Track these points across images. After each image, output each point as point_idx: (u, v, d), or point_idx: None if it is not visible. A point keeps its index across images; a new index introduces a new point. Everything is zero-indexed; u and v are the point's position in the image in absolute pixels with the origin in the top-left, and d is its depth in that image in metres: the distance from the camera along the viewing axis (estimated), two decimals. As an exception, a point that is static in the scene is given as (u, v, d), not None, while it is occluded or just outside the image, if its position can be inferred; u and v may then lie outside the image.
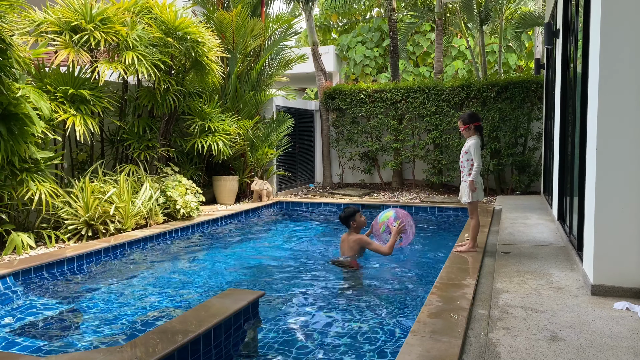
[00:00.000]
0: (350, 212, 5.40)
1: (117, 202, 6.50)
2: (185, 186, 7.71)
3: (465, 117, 5.34)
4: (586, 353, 2.83)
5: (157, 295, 4.50)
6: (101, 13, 6.89)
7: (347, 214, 5.39)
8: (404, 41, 14.86)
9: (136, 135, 7.88)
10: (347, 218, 5.37)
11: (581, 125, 4.65)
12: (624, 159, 3.73)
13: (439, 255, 5.76)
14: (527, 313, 3.47)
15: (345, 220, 5.39)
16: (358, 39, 20.10)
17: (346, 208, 5.50)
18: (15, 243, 5.57)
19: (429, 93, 11.70)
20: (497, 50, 15.45)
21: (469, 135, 5.31)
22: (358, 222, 5.36)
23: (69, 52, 6.53)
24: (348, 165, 13.07)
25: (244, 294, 3.76)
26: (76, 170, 7.35)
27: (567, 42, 6.29)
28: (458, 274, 4.36)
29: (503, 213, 7.92)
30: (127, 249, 6.08)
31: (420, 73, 19.30)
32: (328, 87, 12.93)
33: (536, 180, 10.93)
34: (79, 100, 6.75)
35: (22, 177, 5.76)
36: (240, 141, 9.43)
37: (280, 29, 10.80)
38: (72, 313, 4.06)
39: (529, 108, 10.95)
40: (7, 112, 5.53)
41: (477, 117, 5.33)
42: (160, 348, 2.78)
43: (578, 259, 4.59)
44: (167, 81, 7.76)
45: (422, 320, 3.24)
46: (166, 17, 7.60)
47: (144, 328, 3.66)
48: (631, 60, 3.67)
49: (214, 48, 8.11)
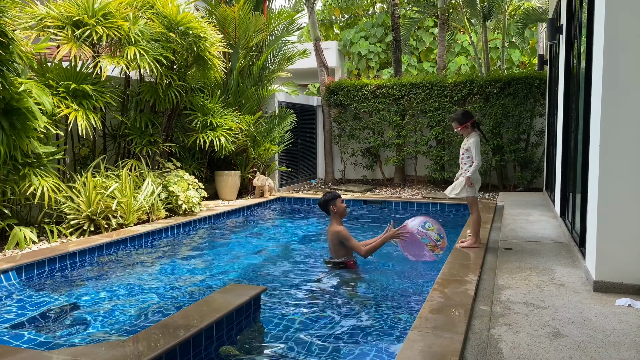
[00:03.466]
0: (331, 196, 4.94)
1: (119, 197, 6.51)
2: (187, 181, 7.72)
3: (459, 116, 5.24)
4: (588, 349, 2.82)
5: (159, 290, 4.51)
6: (103, 8, 6.88)
7: (327, 198, 4.93)
8: (406, 37, 14.81)
9: (138, 131, 7.88)
10: (326, 203, 4.92)
11: (584, 122, 4.63)
12: (627, 155, 3.72)
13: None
14: (529, 309, 3.47)
15: (325, 206, 4.94)
16: (361, 34, 20.03)
17: (326, 192, 5.07)
18: (17, 238, 5.58)
19: (431, 89, 11.67)
20: (500, 46, 15.40)
21: (468, 133, 5.28)
22: (338, 207, 4.91)
23: (71, 46, 6.53)
24: (350, 161, 13.06)
25: (246, 289, 3.77)
26: (78, 165, 7.35)
27: (571, 37, 6.26)
28: (460, 270, 4.35)
29: (505, 209, 7.90)
30: (129, 244, 6.09)
31: (424, 69, 19.24)
32: (330, 82, 12.90)
33: (539, 176, 10.90)
34: (81, 95, 6.74)
35: (24, 171, 5.77)
36: (242, 137, 9.42)
37: (282, 24, 10.78)
38: (74, 308, 4.07)
39: (531, 104, 10.92)
40: (9, 106, 5.53)
41: (470, 114, 5.28)
42: (162, 343, 2.78)
43: (580, 255, 4.58)
44: (170, 76, 7.75)
45: (424, 316, 3.24)
46: (168, 12, 7.58)
47: (146, 323, 3.66)
48: (636, 56, 3.65)
49: (216, 43, 8.10)
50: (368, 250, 4.79)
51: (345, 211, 4.99)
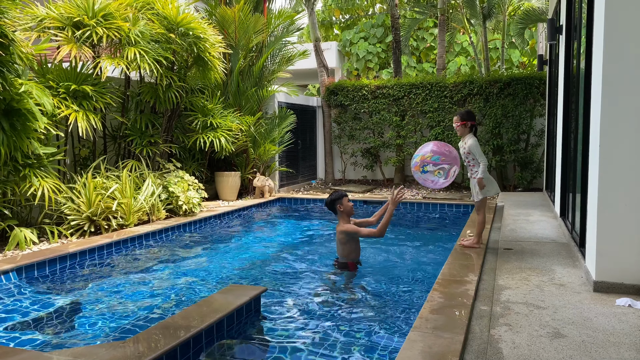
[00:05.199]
0: (337, 195, 4.94)
1: (119, 198, 6.52)
2: (187, 182, 7.72)
3: (464, 113, 5.28)
4: (588, 349, 2.83)
5: (160, 290, 4.51)
6: (103, 9, 6.88)
7: (333, 197, 4.93)
8: (406, 37, 14.82)
9: (138, 131, 7.88)
10: (333, 202, 4.92)
11: (584, 122, 4.63)
12: (627, 155, 3.72)
13: (441, 252, 5.76)
14: (529, 309, 3.47)
15: (331, 205, 4.94)
16: (361, 34, 20.05)
17: (333, 192, 5.09)
18: (18, 238, 5.58)
19: (431, 89, 11.68)
20: (500, 47, 15.41)
21: (464, 134, 5.28)
22: (345, 206, 4.90)
23: (71, 47, 6.53)
24: (350, 162, 13.06)
25: (246, 289, 3.78)
26: (79, 166, 7.36)
27: (571, 38, 6.26)
28: (460, 271, 4.36)
29: (505, 210, 7.91)
30: (130, 244, 6.10)
31: (424, 69, 19.25)
32: (330, 83, 12.91)
33: (539, 176, 10.91)
34: (82, 96, 6.75)
35: (24, 172, 5.77)
36: (243, 137, 9.43)
37: (282, 25, 10.78)
38: (75, 308, 4.08)
39: (531, 104, 10.92)
40: (9, 107, 5.54)
41: (473, 116, 5.31)
42: (162, 343, 2.79)
43: (580, 255, 4.58)
44: (170, 77, 7.76)
45: (424, 316, 3.24)
46: (168, 13, 7.59)
47: (147, 323, 3.67)
48: (635, 56, 3.65)
49: (216, 44, 8.10)
50: (381, 229, 4.72)
51: (352, 210, 4.99)
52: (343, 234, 4.94)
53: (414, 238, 6.76)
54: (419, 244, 6.32)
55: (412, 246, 6.16)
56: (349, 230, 4.89)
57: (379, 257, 5.51)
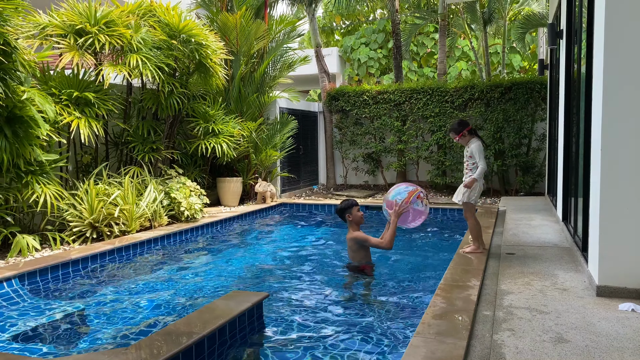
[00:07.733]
0: (347, 204, 5.07)
1: (121, 204, 6.52)
2: (189, 188, 7.73)
3: (455, 126, 5.28)
4: (591, 354, 2.82)
5: (162, 297, 4.51)
6: (105, 16, 6.92)
7: (342, 206, 5.07)
8: (407, 42, 14.87)
9: (140, 138, 7.90)
10: (343, 210, 5.05)
11: (585, 126, 4.63)
12: (629, 158, 3.72)
13: (443, 257, 5.75)
14: (532, 314, 3.46)
15: (341, 213, 5.07)
16: (362, 40, 20.11)
17: (343, 200, 5.20)
18: (20, 245, 5.59)
19: (432, 94, 11.69)
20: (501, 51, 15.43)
21: (467, 141, 5.28)
22: (354, 215, 5.01)
23: (73, 55, 6.56)
24: (352, 167, 13.07)
25: (248, 295, 3.77)
26: (81, 172, 7.37)
27: (571, 42, 6.27)
28: (462, 276, 4.35)
29: (507, 214, 7.90)
30: (132, 250, 6.10)
31: (424, 74, 19.29)
32: (331, 88, 12.94)
33: (540, 181, 10.89)
34: (84, 103, 6.78)
35: (27, 179, 5.79)
36: (244, 143, 9.44)
37: (283, 31, 10.82)
38: (77, 315, 4.08)
39: (532, 109, 10.93)
40: (12, 115, 5.56)
41: (465, 122, 5.30)
42: (165, 350, 2.78)
43: (583, 260, 4.57)
44: (171, 83, 7.79)
45: (427, 322, 3.23)
46: (170, 20, 7.63)
47: (149, 330, 3.66)
48: (636, 59, 3.66)
49: (217, 50, 8.13)
50: (388, 240, 4.81)
51: (361, 219, 5.08)
52: (353, 241, 5.06)
53: (415, 243, 6.75)
54: (421, 249, 6.31)
55: (413, 251, 6.15)
56: (358, 237, 5.00)
57: (380, 262, 5.50)
